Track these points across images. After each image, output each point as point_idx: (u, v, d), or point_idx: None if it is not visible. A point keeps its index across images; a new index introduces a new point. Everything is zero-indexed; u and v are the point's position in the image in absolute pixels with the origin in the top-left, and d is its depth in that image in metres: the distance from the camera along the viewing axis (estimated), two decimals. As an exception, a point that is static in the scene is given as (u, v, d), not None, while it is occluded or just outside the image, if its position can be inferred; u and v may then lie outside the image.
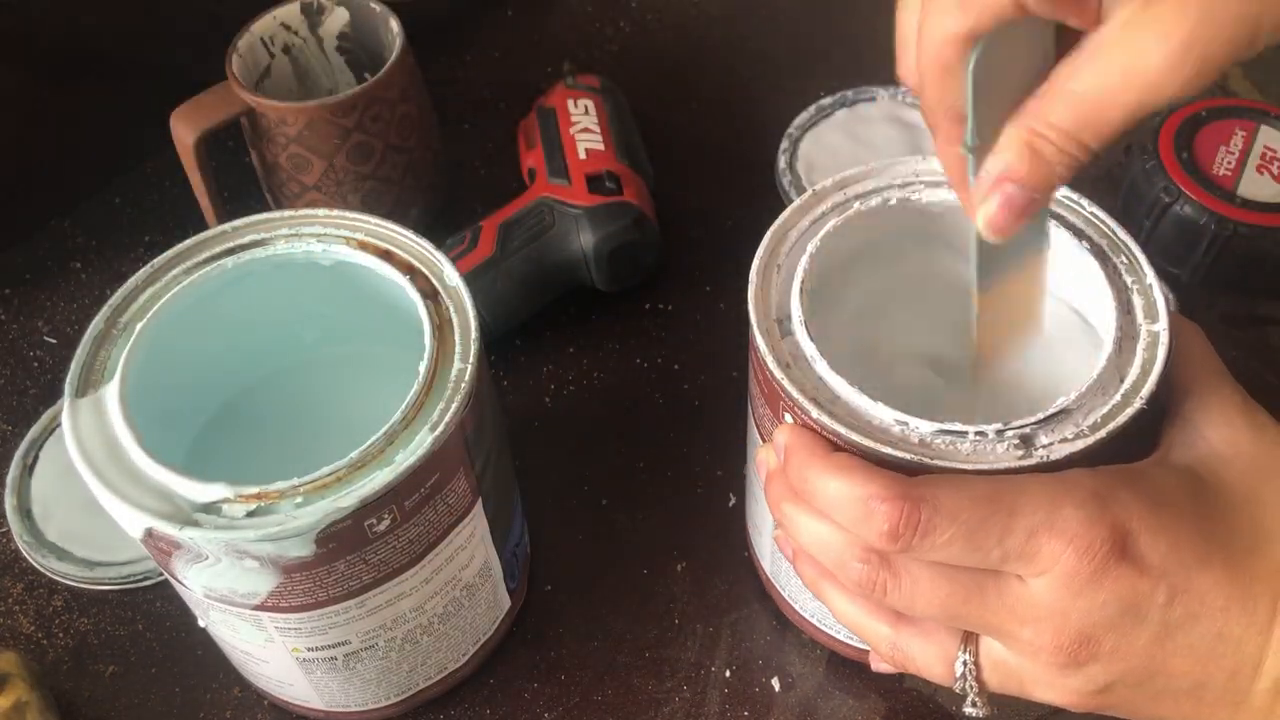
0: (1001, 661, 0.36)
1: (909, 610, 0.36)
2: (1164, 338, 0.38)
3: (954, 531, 0.33)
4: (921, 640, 0.38)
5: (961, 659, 0.37)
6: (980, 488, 0.34)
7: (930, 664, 0.38)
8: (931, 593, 0.35)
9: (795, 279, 0.41)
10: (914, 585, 0.35)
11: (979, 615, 0.35)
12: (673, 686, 0.48)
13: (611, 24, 0.78)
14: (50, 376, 0.60)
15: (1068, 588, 0.33)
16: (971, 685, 0.37)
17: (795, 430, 0.37)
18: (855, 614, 0.39)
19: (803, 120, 0.67)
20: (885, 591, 0.36)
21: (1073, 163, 0.32)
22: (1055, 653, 0.34)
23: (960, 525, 0.33)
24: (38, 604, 0.52)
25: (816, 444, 0.37)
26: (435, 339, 0.40)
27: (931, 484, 0.34)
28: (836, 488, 0.35)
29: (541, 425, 0.57)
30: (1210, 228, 0.57)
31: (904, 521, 0.33)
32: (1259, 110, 0.62)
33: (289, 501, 0.36)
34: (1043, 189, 0.33)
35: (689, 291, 0.62)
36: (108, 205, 0.68)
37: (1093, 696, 0.35)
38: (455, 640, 0.46)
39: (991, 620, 0.35)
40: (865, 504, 0.34)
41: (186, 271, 0.43)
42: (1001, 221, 0.34)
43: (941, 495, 0.34)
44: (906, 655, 0.38)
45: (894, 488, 0.34)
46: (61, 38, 0.62)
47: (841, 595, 0.39)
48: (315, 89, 0.63)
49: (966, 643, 0.37)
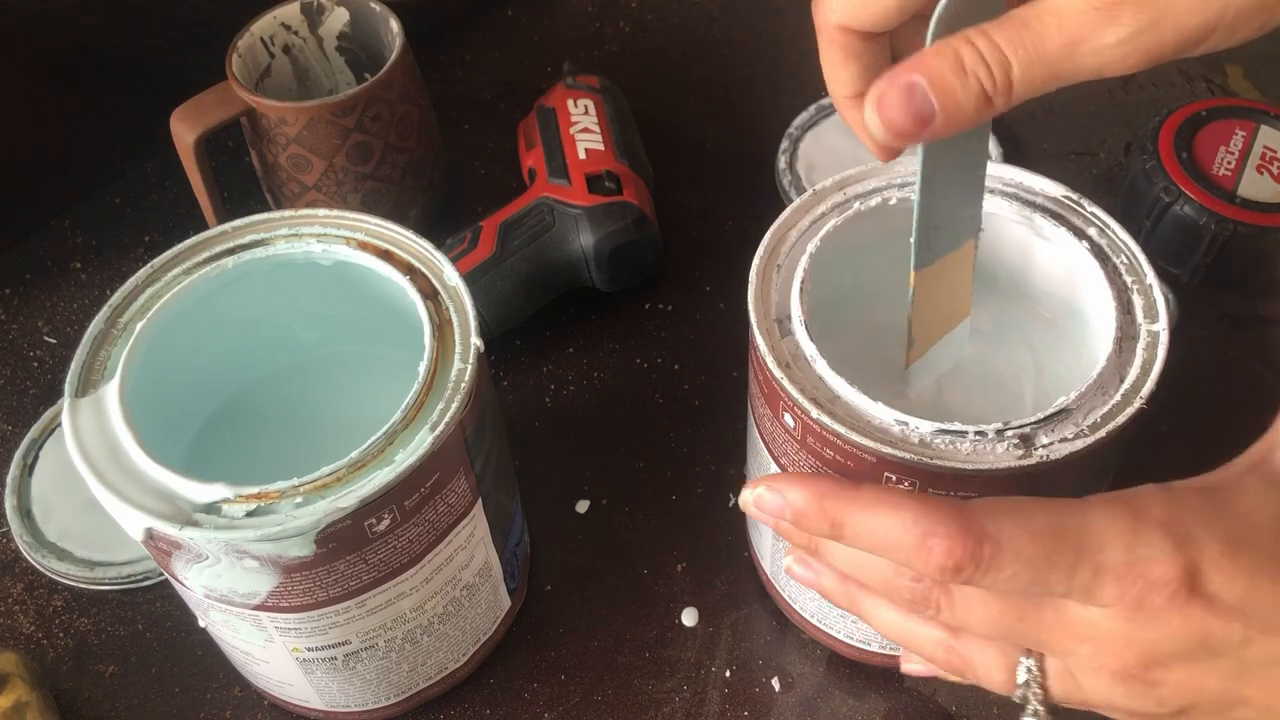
0: (1068, 673, 0.34)
1: (961, 627, 0.35)
2: (1164, 338, 0.38)
3: (1017, 569, 0.31)
4: (980, 644, 0.36)
5: (1025, 665, 0.35)
6: (1041, 519, 0.32)
7: (990, 670, 0.36)
8: (985, 612, 0.33)
9: (795, 279, 0.41)
10: (967, 604, 0.34)
11: (1034, 634, 0.33)
12: (673, 686, 0.48)
13: (611, 24, 0.78)
14: (50, 376, 0.60)
15: (1131, 621, 0.32)
16: (1035, 693, 0.35)
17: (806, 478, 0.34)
18: (900, 623, 0.37)
19: (803, 120, 0.67)
20: (938, 610, 0.34)
21: (984, 88, 0.30)
22: (1119, 672, 0.33)
23: (1024, 563, 0.31)
24: (38, 604, 0.52)
25: (838, 483, 0.34)
26: (435, 339, 0.40)
27: (990, 514, 0.32)
28: (887, 525, 0.32)
29: (541, 425, 0.57)
30: (1210, 228, 0.57)
31: (966, 558, 0.31)
32: (1259, 110, 0.62)
33: (289, 501, 0.36)
34: (946, 98, 0.31)
35: (689, 291, 0.62)
36: (108, 205, 0.68)
37: (1170, 718, 0.33)
38: (455, 640, 0.46)
39: (1046, 638, 0.33)
40: (922, 541, 0.32)
41: (186, 271, 0.43)
42: (889, 112, 0.31)
43: (1004, 530, 0.31)
44: (964, 660, 0.36)
45: (950, 524, 0.31)
46: (61, 38, 0.62)
47: (885, 608, 0.37)
48: (315, 89, 0.63)
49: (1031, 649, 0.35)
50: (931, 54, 0.31)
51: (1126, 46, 0.29)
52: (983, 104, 0.31)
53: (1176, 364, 0.38)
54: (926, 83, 0.31)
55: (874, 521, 0.33)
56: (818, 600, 0.46)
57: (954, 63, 0.31)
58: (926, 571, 0.32)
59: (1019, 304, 0.46)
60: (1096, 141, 0.68)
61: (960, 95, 0.31)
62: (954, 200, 0.38)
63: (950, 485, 0.37)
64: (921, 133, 0.32)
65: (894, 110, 0.31)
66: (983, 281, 0.43)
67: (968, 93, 0.31)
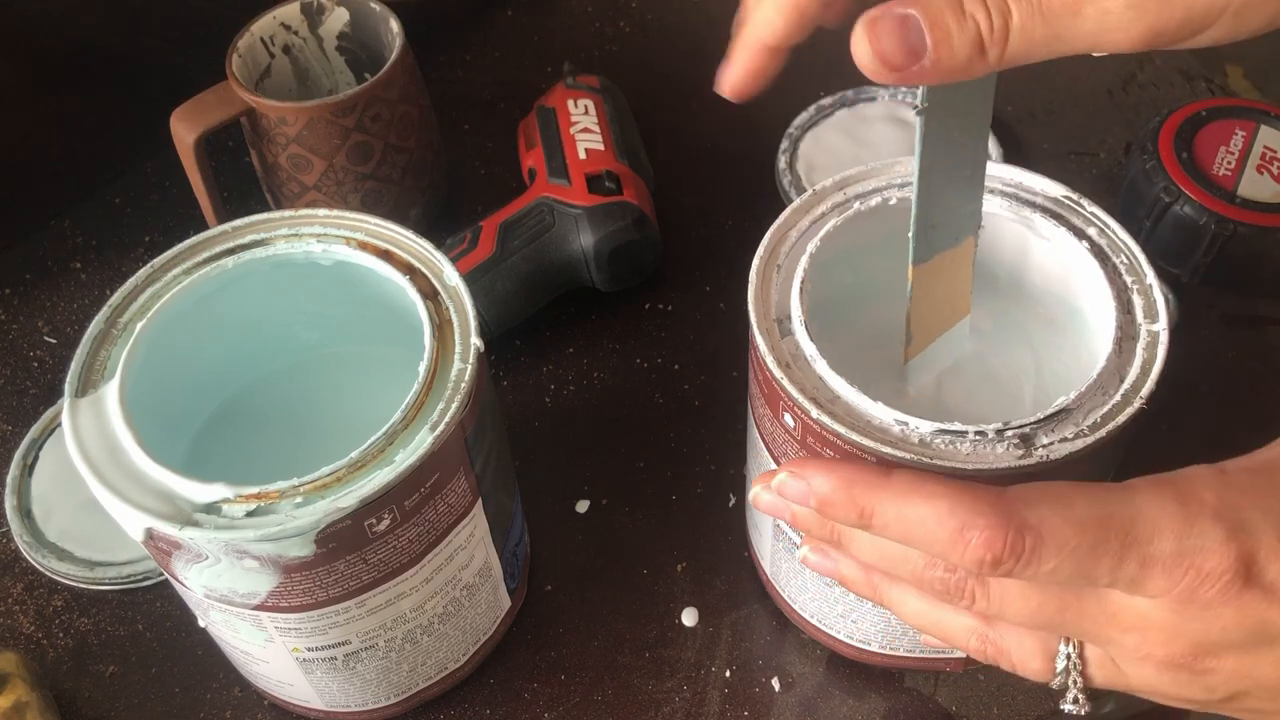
0: (1109, 660, 0.33)
1: (997, 617, 0.34)
2: (1164, 338, 0.38)
3: (1059, 562, 0.30)
4: (1017, 632, 0.34)
5: (1065, 653, 0.34)
6: (1085, 507, 0.30)
7: (1027, 659, 0.34)
8: (1024, 603, 0.32)
9: (795, 279, 0.41)
10: (1004, 595, 0.32)
11: (1076, 623, 0.32)
12: (673, 686, 0.48)
13: (611, 24, 0.78)
14: (50, 376, 0.60)
15: (1181, 613, 0.31)
16: (1075, 680, 0.34)
17: (833, 464, 0.33)
18: (930, 612, 0.36)
19: (803, 120, 0.67)
20: (973, 600, 0.33)
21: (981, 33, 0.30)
22: (1166, 661, 0.31)
23: (1067, 554, 0.30)
24: (38, 604, 0.52)
25: (867, 469, 0.33)
26: (435, 339, 0.40)
27: (1033, 503, 0.31)
28: (920, 515, 0.31)
29: (541, 425, 0.57)
30: (1210, 228, 0.57)
31: (1006, 552, 0.30)
32: (1259, 110, 0.62)
33: (289, 501, 0.36)
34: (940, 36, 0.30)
35: (689, 291, 0.62)
36: (108, 205, 0.68)
37: (1220, 704, 0.32)
38: (455, 640, 0.46)
39: (1089, 628, 0.32)
40: (959, 533, 0.30)
41: (186, 271, 0.43)
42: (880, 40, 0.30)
43: (1046, 520, 0.30)
44: (999, 649, 0.35)
45: (991, 514, 0.30)
46: (61, 38, 0.62)
47: (912, 597, 0.36)
48: (315, 89, 0.63)
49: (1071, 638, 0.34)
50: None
51: (1132, 13, 0.29)
52: (976, 51, 0.30)
53: (1176, 364, 0.38)
54: (923, 16, 0.30)
55: (907, 510, 0.31)
56: (818, 600, 0.46)
57: (953, 2, 0.30)
58: (963, 564, 0.31)
59: (1019, 304, 0.46)
60: (1096, 141, 0.68)
61: (955, 37, 0.30)
62: (952, 196, 0.38)
63: (950, 485, 0.37)
64: (909, 67, 0.30)
65: (885, 38, 0.30)
66: (982, 281, 0.43)
67: (963, 35, 0.30)
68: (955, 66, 0.30)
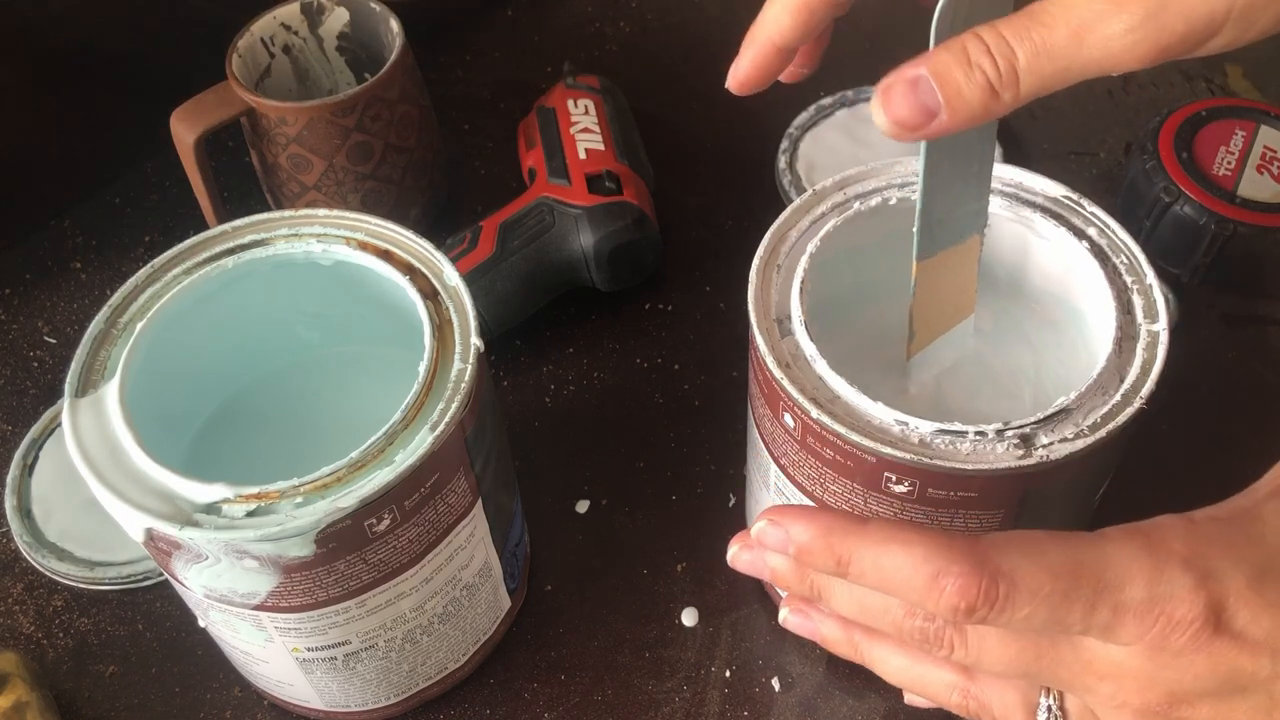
0: (1089, 711, 0.34)
1: (975, 667, 0.34)
2: (1164, 338, 0.38)
3: (1033, 608, 0.30)
4: (998, 685, 0.35)
5: (1045, 705, 0.34)
6: (1056, 555, 0.31)
7: (1010, 711, 0.35)
8: (1001, 651, 0.33)
9: (795, 279, 0.41)
10: (982, 643, 0.33)
11: (1053, 672, 0.33)
12: (673, 686, 0.48)
13: (611, 24, 0.78)
14: (50, 376, 0.60)
15: (1154, 660, 0.31)
16: None
17: (812, 512, 0.33)
18: (911, 669, 0.36)
19: (803, 120, 0.67)
20: (951, 649, 0.33)
21: (989, 80, 0.30)
22: (1142, 709, 0.32)
23: (1040, 601, 0.30)
24: (38, 604, 0.52)
25: (845, 518, 0.33)
26: (435, 339, 0.40)
27: (1006, 551, 0.31)
28: (896, 563, 0.31)
29: (541, 425, 0.57)
30: (1210, 228, 0.57)
31: (980, 598, 0.30)
32: (1259, 110, 0.62)
33: (289, 501, 0.36)
34: (950, 91, 0.31)
35: (689, 291, 0.62)
36: (108, 205, 0.68)
37: None
38: (455, 640, 0.46)
39: (1066, 677, 0.33)
40: (934, 580, 0.31)
41: (186, 271, 0.43)
42: (895, 107, 0.31)
43: (1019, 567, 0.30)
44: (980, 703, 0.35)
45: (964, 561, 0.31)
46: (61, 38, 0.62)
47: (893, 654, 0.36)
48: (315, 89, 0.63)
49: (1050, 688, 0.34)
50: (938, 49, 0.31)
51: (1134, 35, 0.29)
52: (989, 97, 0.31)
53: (1176, 364, 0.38)
54: (931, 76, 0.31)
55: (883, 559, 0.32)
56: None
57: (959, 56, 0.31)
58: (939, 611, 0.31)
59: (1019, 303, 0.46)
60: (1096, 141, 0.68)
61: (965, 88, 0.31)
62: (957, 193, 0.38)
63: (950, 485, 0.37)
64: (927, 126, 0.31)
65: (899, 104, 0.31)
66: (983, 281, 0.43)
67: (972, 85, 0.31)
68: (973, 114, 0.31)
